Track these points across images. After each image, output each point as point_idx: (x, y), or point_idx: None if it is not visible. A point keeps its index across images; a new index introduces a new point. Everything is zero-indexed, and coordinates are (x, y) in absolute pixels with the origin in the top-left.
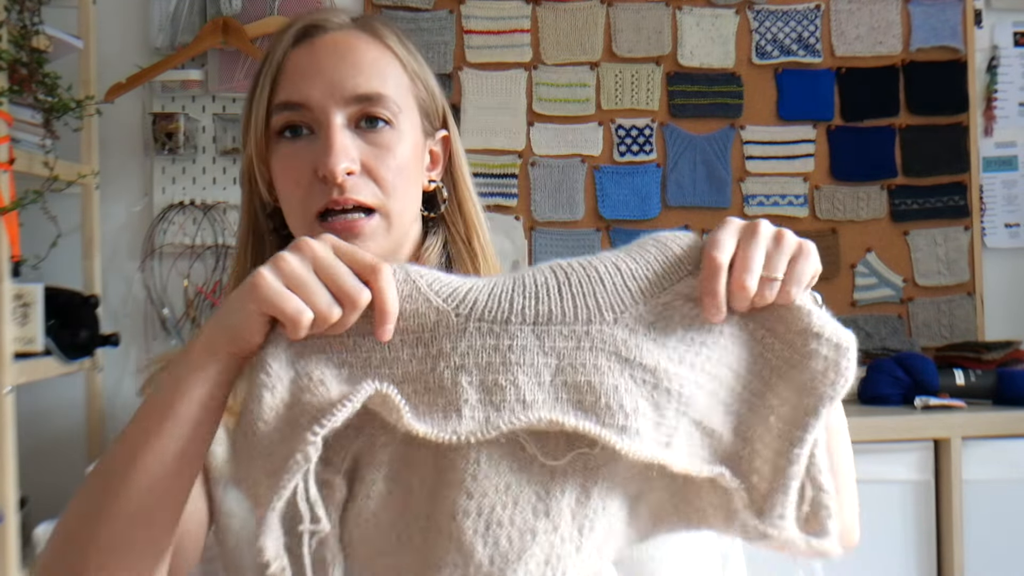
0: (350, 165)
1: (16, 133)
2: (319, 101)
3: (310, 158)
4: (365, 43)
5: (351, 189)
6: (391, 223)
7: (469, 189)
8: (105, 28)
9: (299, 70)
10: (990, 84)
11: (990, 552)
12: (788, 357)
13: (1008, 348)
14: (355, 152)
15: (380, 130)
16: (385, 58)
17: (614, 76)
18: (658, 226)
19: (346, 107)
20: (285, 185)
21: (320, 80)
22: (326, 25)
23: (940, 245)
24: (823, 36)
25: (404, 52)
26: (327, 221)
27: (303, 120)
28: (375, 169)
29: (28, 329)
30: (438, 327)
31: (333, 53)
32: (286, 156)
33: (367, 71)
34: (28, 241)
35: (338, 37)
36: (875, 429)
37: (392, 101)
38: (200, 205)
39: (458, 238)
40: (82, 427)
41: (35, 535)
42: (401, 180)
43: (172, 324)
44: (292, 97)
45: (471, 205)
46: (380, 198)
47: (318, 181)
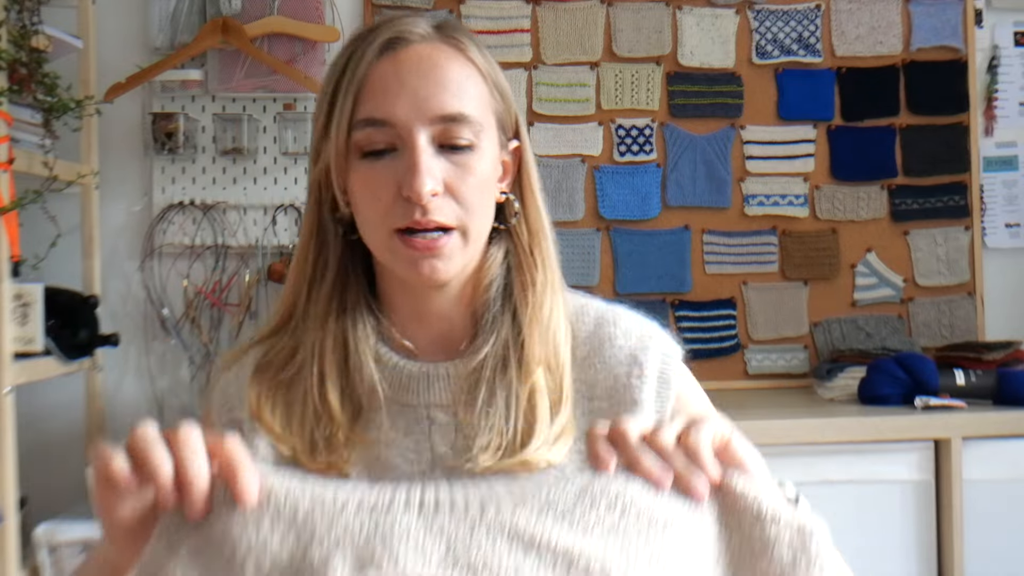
0: (435, 187)
1: (16, 133)
2: (404, 120)
3: (393, 176)
4: (448, 57)
5: (434, 211)
6: (468, 240)
7: (537, 199)
8: (105, 28)
9: (383, 86)
10: (990, 84)
11: (990, 552)
12: (750, 548)
13: (1008, 348)
14: (439, 173)
15: (463, 150)
16: (468, 73)
17: (614, 76)
18: (658, 226)
19: (431, 126)
20: (365, 200)
21: (405, 98)
22: (409, 37)
23: (940, 245)
24: (823, 36)
25: (485, 64)
26: (408, 237)
27: (386, 138)
28: (457, 189)
29: (28, 329)
30: (312, 511)
31: (418, 69)
32: (368, 172)
33: (452, 89)
34: (28, 241)
35: (422, 51)
36: (875, 429)
37: (475, 121)
38: (200, 205)
39: (521, 248)
40: (82, 427)
41: (35, 535)
42: (480, 198)
43: (172, 324)
44: (376, 114)
45: (538, 215)
46: (460, 217)
47: (400, 199)
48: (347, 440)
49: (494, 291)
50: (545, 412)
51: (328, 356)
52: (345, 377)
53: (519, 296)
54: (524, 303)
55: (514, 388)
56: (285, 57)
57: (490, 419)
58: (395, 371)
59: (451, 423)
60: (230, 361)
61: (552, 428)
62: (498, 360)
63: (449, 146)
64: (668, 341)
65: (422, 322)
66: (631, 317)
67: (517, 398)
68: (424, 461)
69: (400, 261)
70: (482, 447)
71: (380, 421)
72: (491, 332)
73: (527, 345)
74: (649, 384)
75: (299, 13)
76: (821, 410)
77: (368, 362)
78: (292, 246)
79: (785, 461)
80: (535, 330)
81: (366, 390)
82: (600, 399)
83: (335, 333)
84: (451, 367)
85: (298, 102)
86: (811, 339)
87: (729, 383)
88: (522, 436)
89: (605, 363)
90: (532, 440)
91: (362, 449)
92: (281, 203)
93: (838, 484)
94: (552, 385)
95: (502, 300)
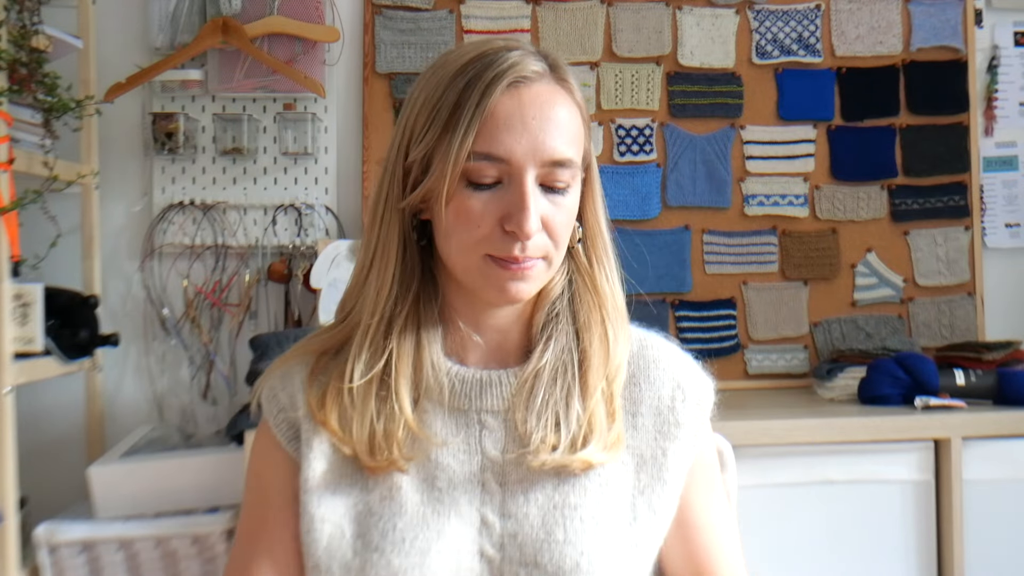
0: (539, 227)
1: (16, 133)
2: (520, 160)
3: (497, 208)
4: (562, 99)
5: (532, 248)
6: (551, 266)
7: (600, 228)
8: (105, 28)
9: (507, 123)
10: (990, 84)
11: (990, 552)
12: None
13: (1008, 348)
14: (540, 210)
15: (560, 191)
16: (575, 116)
17: (614, 76)
18: (658, 226)
19: (540, 168)
20: (462, 224)
21: (526, 139)
22: (531, 76)
23: (940, 245)
24: (823, 36)
25: (583, 104)
26: (502, 261)
27: (497, 172)
28: (552, 227)
29: (28, 329)
30: None
31: (540, 111)
32: (472, 201)
33: (564, 134)
34: (28, 241)
35: (543, 92)
36: (875, 429)
37: (575, 165)
38: (200, 205)
39: (585, 271)
40: (82, 427)
41: (35, 535)
42: (566, 234)
43: (172, 324)
44: (496, 151)
45: (600, 243)
46: (550, 251)
47: (500, 230)
48: (407, 438)
49: (556, 309)
50: (602, 419)
51: (404, 359)
52: (415, 378)
53: (586, 319)
54: (589, 327)
55: (574, 398)
56: (285, 57)
57: (543, 422)
58: (451, 377)
59: (501, 428)
60: (279, 365)
61: (609, 435)
62: (556, 371)
63: (549, 186)
64: (706, 376)
65: (480, 333)
66: (671, 345)
67: (577, 407)
68: (475, 463)
69: (489, 283)
70: (539, 444)
71: (434, 423)
72: (550, 345)
73: (592, 365)
74: (690, 408)
75: (299, 13)
76: (821, 410)
77: (440, 364)
78: (292, 246)
79: (785, 461)
80: (602, 356)
81: (430, 393)
82: (644, 416)
83: (411, 339)
84: (504, 375)
85: (298, 102)
86: (811, 339)
87: (729, 383)
88: (583, 438)
89: (651, 383)
90: (592, 442)
91: (418, 449)
92: (281, 203)
93: (838, 484)
94: (608, 400)
95: (564, 320)
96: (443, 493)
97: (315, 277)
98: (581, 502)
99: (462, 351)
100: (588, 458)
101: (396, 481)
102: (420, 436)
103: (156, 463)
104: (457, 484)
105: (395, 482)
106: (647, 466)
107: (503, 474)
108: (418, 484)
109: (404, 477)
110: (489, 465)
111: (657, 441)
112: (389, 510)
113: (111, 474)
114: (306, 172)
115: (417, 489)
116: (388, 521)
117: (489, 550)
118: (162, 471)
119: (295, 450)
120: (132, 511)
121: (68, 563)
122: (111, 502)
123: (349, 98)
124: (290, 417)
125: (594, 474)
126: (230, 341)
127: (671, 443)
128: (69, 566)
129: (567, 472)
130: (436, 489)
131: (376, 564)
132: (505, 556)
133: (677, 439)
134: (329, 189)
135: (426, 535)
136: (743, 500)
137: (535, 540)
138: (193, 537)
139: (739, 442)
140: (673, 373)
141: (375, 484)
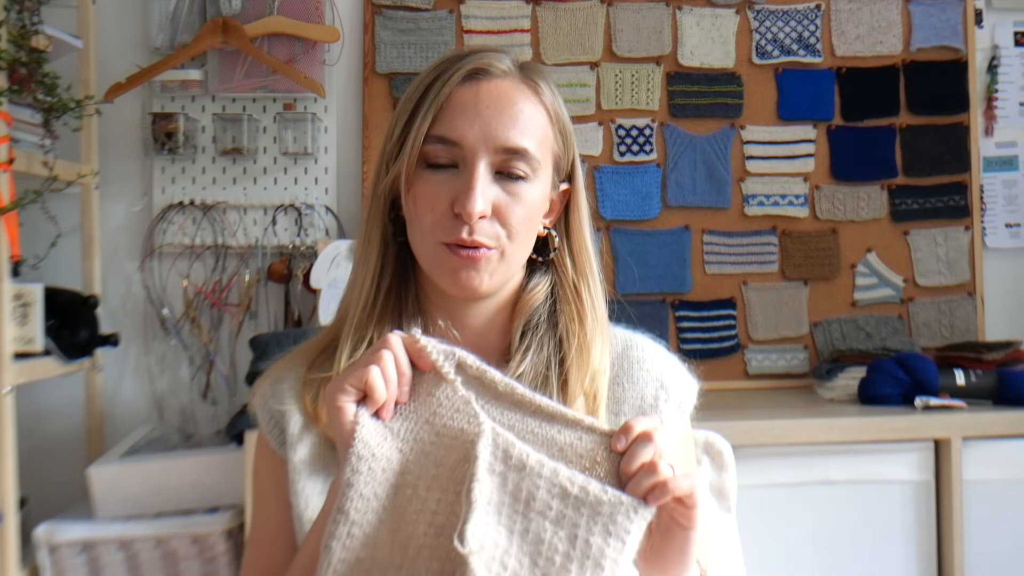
0: (484, 210)
1: (16, 133)
2: (471, 144)
3: (449, 192)
4: (524, 97)
5: (479, 231)
6: (504, 259)
7: (585, 239)
8: (105, 28)
9: (461, 109)
10: (990, 84)
11: (990, 552)
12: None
13: (1008, 348)
14: (491, 195)
15: (516, 180)
16: (538, 114)
17: (614, 76)
18: (658, 226)
19: (493, 155)
20: (420, 209)
21: (478, 124)
22: (493, 71)
23: (940, 245)
24: (823, 36)
25: (555, 108)
26: (452, 250)
27: (451, 155)
28: (504, 215)
29: (28, 329)
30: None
31: (495, 102)
32: (428, 184)
33: (520, 125)
34: (28, 241)
35: (503, 86)
36: (875, 429)
37: (534, 157)
38: (200, 205)
39: (567, 283)
40: (82, 427)
41: (35, 535)
42: (524, 228)
43: (171, 324)
44: (449, 134)
45: (586, 254)
46: (502, 241)
47: (451, 214)
48: None
49: (537, 319)
50: None
51: None
52: None
53: (566, 328)
54: (571, 336)
55: None
56: (285, 57)
57: None
58: None
59: None
60: (271, 373)
61: None
62: (537, 378)
63: (505, 174)
64: (690, 376)
65: (458, 327)
66: (656, 346)
67: None
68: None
69: (442, 271)
70: None
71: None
72: (531, 352)
73: (571, 377)
74: (672, 406)
75: (299, 13)
76: (821, 410)
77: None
78: (292, 246)
79: (785, 461)
80: (582, 364)
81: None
82: (627, 415)
83: (390, 323)
84: None
85: (298, 102)
86: (811, 339)
87: (729, 383)
88: None
89: (634, 384)
90: None
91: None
92: (281, 203)
93: (838, 484)
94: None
95: (546, 328)
96: None
97: (315, 277)
98: None
99: None
100: None
101: None
102: None
103: (156, 463)
104: None
105: None
106: None
107: None
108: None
109: None
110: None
111: None
112: None
113: (111, 474)
114: (306, 172)
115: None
116: None
117: None
118: (162, 471)
119: (285, 453)
120: (132, 511)
121: (68, 563)
122: (111, 502)
123: (349, 98)
124: (280, 423)
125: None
126: (230, 341)
127: None
128: (69, 566)
129: None
130: None
131: None
132: None
133: None
134: (329, 189)
135: None
136: (743, 500)
137: None
138: (193, 537)
139: (739, 442)
140: (657, 373)
141: None
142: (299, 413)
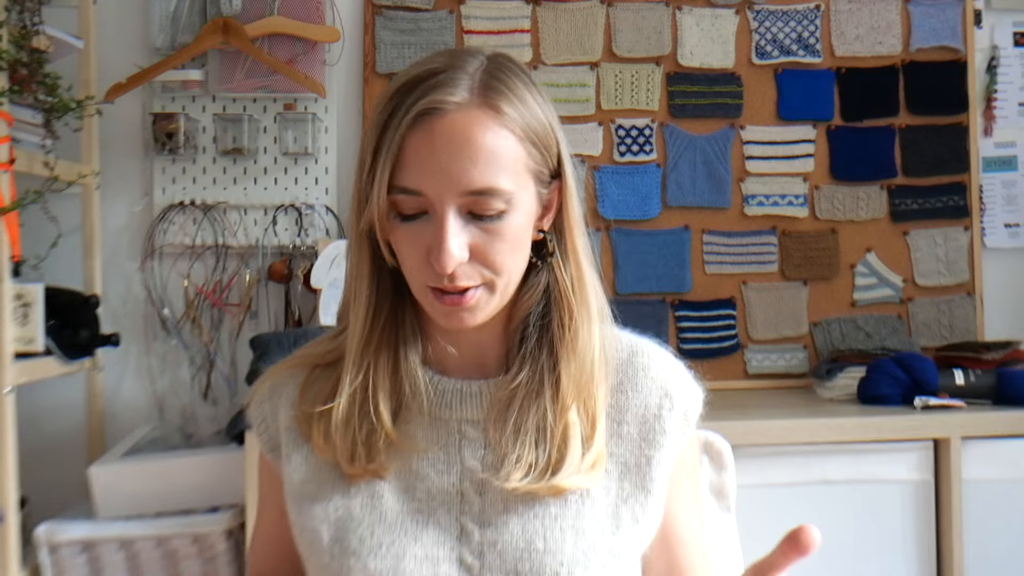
0: (460, 258)
1: (16, 133)
2: (435, 193)
3: (424, 240)
4: (482, 128)
5: (461, 277)
6: (495, 292)
7: (576, 235)
8: (105, 28)
9: (417, 158)
10: (990, 84)
11: (990, 552)
12: None
13: (1008, 348)
14: (466, 238)
15: (492, 218)
16: (501, 141)
17: (614, 76)
18: (658, 226)
19: (460, 199)
20: (403, 254)
21: (437, 171)
22: (445, 107)
23: (940, 245)
24: (823, 36)
25: (525, 122)
26: (438, 296)
27: (418, 205)
28: (484, 254)
29: (28, 329)
30: None
31: (449, 143)
32: (403, 233)
33: (482, 163)
34: (28, 241)
35: (456, 123)
36: (875, 429)
37: (505, 191)
38: (200, 205)
39: (562, 282)
40: (82, 427)
41: (35, 535)
42: (510, 259)
43: (172, 324)
44: (410, 185)
45: (577, 251)
46: (488, 277)
47: (429, 262)
48: (387, 446)
49: (532, 322)
50: (577, 443)
51: (381, 372)
52: (393, 388)
53: (557, 330)
54: (562, 337)
55: (548, 417)
56: (285, 57)
57: (520, 440)
58: (430, 386)
59: (481, 439)
60: (270, 376)
61: (584, 460)
62: (532, 388)
63: (478, 215)
64: (695, 384)
65: (456, 346)
66: (663, 353)
67: (551, 426)
68: (454, 472)
69: (434, 311)
70: (513, 465)
71: (415, 432)
72: (527, 360)
73: (563, 378)
74: (677, 417)
75: (299, 13)
76: (821, 410)
77: (417, 375)
78: (292, 246)
79: (785, 461)
80: (572, 365)
81: (410, 402)
82: (630, 424)
83: (389, 352)
84: (484, 385)
85: (298, 102)
86: (811, 339)
87: (729, 383)
88: (554, 463)
89: (638, 391)
90: (563, 468)
91: (397, 458)
92: (281, 203)
93: (838, 484)
94: (586, 417)
95: (540, 331)
96: (422, 502)
97: (315, 277)
98: (562, 512)
99: (442, 361)
100: (558, 484)
101: (377, 489)
102: (399, 444)
103: (156, 463)
104: (436, 493)
105: (376, 489)
106: (630, 474)
107: (482, 483)
108: (398, 492)
109: (385, 484)
110: (468, 474)
111: (642, 449)
112: (369, 517)
113: (111, 474)
114: (306, 172)
115: (397, 497)
116: (367, 527)
117: (468, 558)
118: (162, 471)
119: (275, 459)
120: (132, 511)
121: (68, 563)
122: (111, 502)
123: (349, 98)
124: (270, 428)
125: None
126: (230, 341)
127: (656, 451)
128: (69, 566)
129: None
130: (415, 499)
131: (352, 568)
132: (484, 564)
133: (663, 447)
134: (329, 189)
135: (403, 540)
136: (743, 500)
137: (515, 549)
138: (193, 537)
139: (739, 442)
140: (662, 381)
141: (356, 491)
142: (295, 429)
